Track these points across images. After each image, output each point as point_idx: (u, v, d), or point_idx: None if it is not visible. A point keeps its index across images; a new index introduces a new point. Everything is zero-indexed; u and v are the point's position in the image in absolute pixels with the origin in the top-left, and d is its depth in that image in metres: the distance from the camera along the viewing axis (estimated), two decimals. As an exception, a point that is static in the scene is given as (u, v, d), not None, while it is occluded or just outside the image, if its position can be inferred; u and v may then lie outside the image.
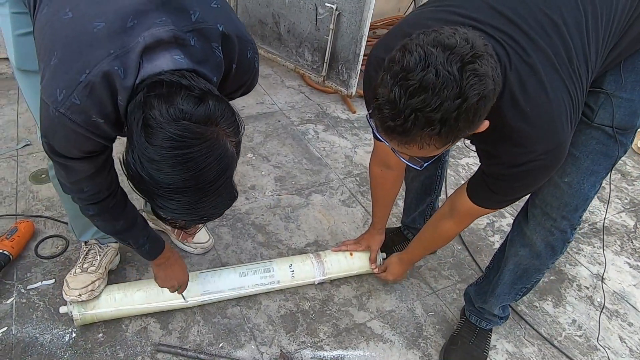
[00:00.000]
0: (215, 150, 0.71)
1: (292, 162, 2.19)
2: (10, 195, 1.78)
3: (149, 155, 0.69)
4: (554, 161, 0.94)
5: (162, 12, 0.76)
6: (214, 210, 0.78)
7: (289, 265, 1.53)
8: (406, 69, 0.73)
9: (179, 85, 0.71)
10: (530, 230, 1.20)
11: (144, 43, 0.74)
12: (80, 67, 0.74)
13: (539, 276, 1.30)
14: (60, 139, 0.83)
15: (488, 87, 0.74)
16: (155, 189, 0.72)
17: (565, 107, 0.89)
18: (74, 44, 0.75)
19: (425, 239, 1.37)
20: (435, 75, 0.71)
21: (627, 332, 1.61)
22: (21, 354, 1.28)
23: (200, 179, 0.72)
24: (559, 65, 0.87)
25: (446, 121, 0.73)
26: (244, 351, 1.37)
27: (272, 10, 2.88)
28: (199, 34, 0.79)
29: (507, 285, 1.32)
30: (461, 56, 0.72)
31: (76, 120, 0.77)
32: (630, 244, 2.02)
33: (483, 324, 1.46)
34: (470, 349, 1.42)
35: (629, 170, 2.53)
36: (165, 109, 0.68)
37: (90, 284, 1.32)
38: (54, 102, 0.76)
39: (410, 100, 0.72)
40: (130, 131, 0.72)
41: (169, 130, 0.68)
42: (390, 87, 0.74)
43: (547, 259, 1.22)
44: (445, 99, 0.71)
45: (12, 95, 2.35)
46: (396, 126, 0.75)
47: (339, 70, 2.71)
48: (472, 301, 1.46)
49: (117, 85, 0.75)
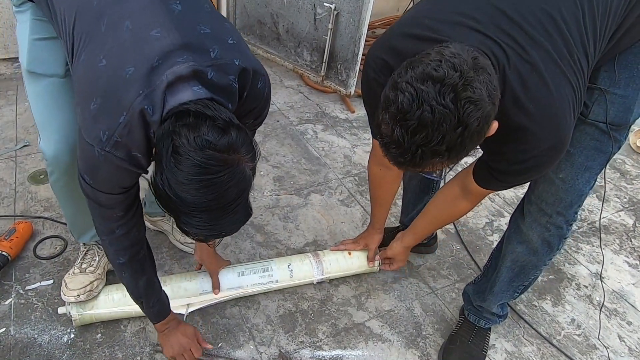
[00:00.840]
0: (236, 175, 0.80)
1: (291, 162, 2.19)
2: (9, 196, 1.78)
3: (177, 179, 0.77)
4: (558, 154, 0.96)
5: (184, 51, 0.84)
6: (231, 226, 0.87)
7: (288, 264, 1.53)
8: (402, 110, 0.74)
9: (204, 115, 0.79)
10: (526, 226, 1.20)
11: (166, 81, 0.82)
12: (119, 110, 0.83)
13: (536, 273, 1.30)
14: (104, 176, 0.91)
15: (486, 109, 0.75)
16: (180, 207, 0.81)
17: (568, 101, 0.90)
18: (111, 90, 0.84)
19: (438, 218, 1.36)
20: (431, 112, 0.72)
21: (626, 331, 1.61)
22: (19, 354, 1.28)
23: (221, 200, 0.80)
24: (560, 59, 0.87)
25: (452, 149, 0.76)
26: (243, 351, 1.37)
27: (271, 10, 2.88)
28: (217, 68, 0.87)
29: (505, 282, 1.32)
30: (452, 87, 0.73)
31: (120, 156, 0.86)
32: (629, 242, 2.02)
33: (482, 323, 1.45)
34: (469, 348, 1.42)
35: (628, 169, 2.53)
36: (193, 138, 0.76)
37: (88, 284, 1.32)
38: (99, 142, 0.84)
39: (414, 139, 0.75)
40: (160, 156, 0.79)
41: (195, 158, 0.76)
42: (391, 127, 0.77)
43: (544, 255, 1.22)
44: (446, 132, 0.73)
45: (10, 96, 2.35)
46: (405, 162, 0.79)
47: (337, 70, 2.71)
48: (470, 300, 1.46)
49: (148, 120, 0.83)
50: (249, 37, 3.12)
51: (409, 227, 1.47)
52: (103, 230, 1.04)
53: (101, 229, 1.04)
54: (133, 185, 0.98)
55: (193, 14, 0.90)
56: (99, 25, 0.87)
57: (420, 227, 1.43)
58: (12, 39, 2.48)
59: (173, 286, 1.40)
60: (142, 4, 0.87)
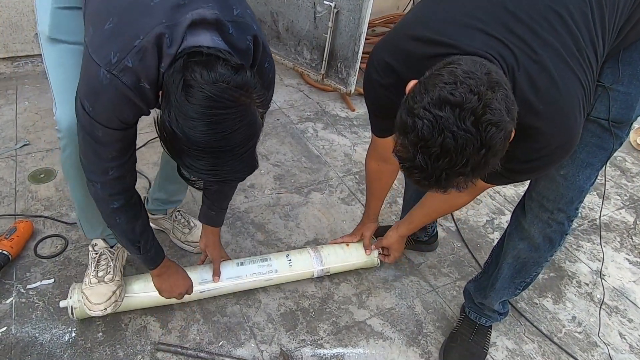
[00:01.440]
0: (247, 115, 0.78)
1: (291, 161, 2.18)
2: (9, 195, 1.77)
3: (187, 113, 0.75)
4: (567, 152, 0.96)
5: (210, 0, 0.84)
6: (235, 174, 0.84)
7: (286, 255, 1.55)
8: (422, 138, 0.74)
9: (217, 56, 0.78)
10: (527, 223, 1.21)
11: (190, 18, 0.81)
12: (135, 32, 0.80)
13: (537, 270, 1.30)
14: (105, 103, 0.85)
15: (507, 128, 0.75)
16: (186, 147, 0.78)
17: (578, 99, 0.89)
18: (131, 12, 0.81)
19: (434, 210, 1.36)
20: (453, 139, 0.72)
21: (627, 329, 1.61)
22: (21, 353, 1.28)
23: (230, 140, 0.78)
24: (569, 58, 0.87)
25: (476, 168, 0.76)
26: (244, 349, 1.37)
27: (271, 8, 2.88)
28: (237, 25, 0.87)
29: (506, 279, 1.32)
30: (472, 111, 0.72)
31: (127, 83, 0.82)
32: (630, 240, 2.02)
33: (483, 321, 1.45)
34: (469, 346, 1.42)
35: (629, 167, 2.53)
36: (207, 72, 0.75)
37: (112, 295, 1.29)
38: (108, 64, 0.80)
39: (437, 164, 0.75)
40: (168, 92, 0.77)
41: (208, 90, 0.74)
42: (413, 153, 0.76)
43: (546, 251, 1.22)
44: (470, 155, 0.73)
45: (10, 95, 2.35)
46: (430, 185, 0.79)
47: (337, 69, 2.71)
48: (471, 297, 1.46)
49: (163, 51, 0.81)
50: (249, 35, 3.11)
51: (405, 217, 1.47)
52: (95, 170, 0.99)
53: (93, 170, 0.99)
54: (133, 123, 0.94)
55: None
56: None
57: (416, 217, 1.43)
58: (12, 38, 2.48)
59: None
60: None
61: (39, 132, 2.12)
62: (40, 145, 2.04)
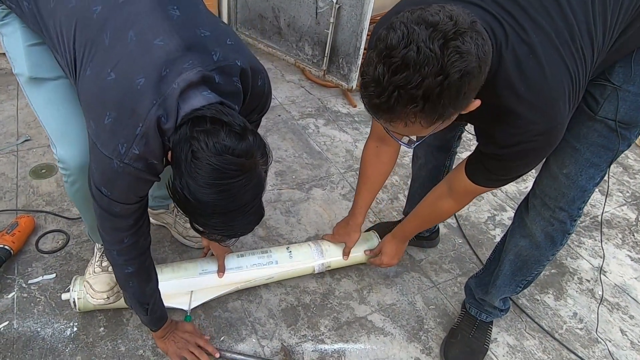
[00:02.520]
0: (252, 179, 0.83)
1: (292, 157, 2.18)
2: (11, 191, 1.78)
3: (197, 183, 0.80)
4: (549, 142, 0.93)
5: (188, 56, 0.86)
6: (246, 227, 0.91)
7: (287, 247, 1.55)
8: (389, 47, 0.72)
9: (221, 121, 0.81)
10: (530, 220, 1.20)
11: (179, 89, 0.84)
12: (134, 122, 0.84)
13: (539, 268, 1.30)
14: (122, 187, 0.92)
15: (471, 64, 0.73)
16: (199, 210, 0.84)
17: (564, 89, 0.87)
18: (124, 103, 0.85)
19: (422, 216, 1.36)
20: (416, 52, 0.70)
21: (628, 325, 1.61)
22: (22, 348, 1.28)
23: (238, 202, 0.84)
24: (560, 45, 0.85)
25: (428, 98, 0.73)
26: (245, 345, 1.37)
27: (272, 4, 2.87)
28: (221, 71, 0.89)
29: (507, 276, 1.32)
30: (443, 33, 0.71)
31: (139, 167, 0.88)
32: (632, 237, 2.02)
33: (483, 317, 1.45)
34: (470, 342, 1.42)
35: (631, 164, 2.53)
36: (213, 144, 0.78)
37: (115, 285, 1.31)
38: (118, 155, 0.86)
39: (393, 78, 0.72)
40: (179, 160, 0.82)
41: (215, 163, 0.78)
42: (375, 65, 0.74)
43: (547, 249, 1.22)
44: (426, 75, 0.71)
45: (11, 90, 2.34)
46: (381, 103, 0.76)
47: (339, 64, 2.70)
48: (472, 293, 1.46)
49: (164, 129, 0.85)
50: (250, 31, 3.11)
51: (398, 226, 1.47)
52: (112, 241, 1.04)
53: (110, 240, 1.04)
54: (147, 193, 1.00)
55: (191, 18, 0.91)
56: (102, 38, 0.87)
57: (407, 222, 1.43)
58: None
59: (174, 266, 1.43)
60: (142, 11, 0.88)
61: (40, 128, 2.10)
62: (42, 140, 2.04)
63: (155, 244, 1.63)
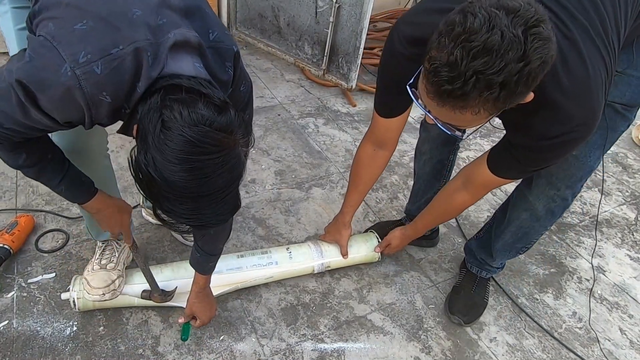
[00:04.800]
0: (231, 159, 0.72)
1: (292, 156, 2.18)
2: (10, 190, 1.78)
3: (165, 157, 0.69)
4: (587, 132, 0.94)
5: (186, 21, 0.79)
6: (217, 217, 0.78)
7: (286, 248, 1.56)
8: (469, 31, 0.70)
9: (199, 92, 0.72)
10: (533, 196, 1.28)
11: (173, 39, 0.76)
12: (114, 40, 0.73)
13: (537, 237, 1.42)
14: (52, 98, 0.75)
15: (550, 52, 0.73)
16: (164, 191, 0.72)
17: (602, 79, 0.90)
18: (112, 19, 0.74)
19: (437, 211, 1.40)
20: (500, 37, 0.69)
21: (627, 324, 1.62)
22: (22, 347, 1.28)
23: (212, 186, 0.72)
24: (596, 38, 0.88)
25: (506, 85, 0.72)
26: (245, 344, 1.37)
27: (272, 3, 2.86)
28: (215, 51, 0.82)
29: (509, 244, 1.44)
30: (526, 19, 0.70)
31: (85, 89, 0.73)
32: (631, 236, 2.02)
33: (483, 274, 1.58)
34: (472, 296, 1.55)
35: (630, 163, 2.53)
36: (187, 112, 0.68)
37: (111, 283, 1.30)
38: (73, 61, 0.71)
39: (473, 62, 0.70)
40: (145, 131, 0.71)
41: (188, 134, 0.68)
42: (450, 49, 0.72)
43: (547, 221, 1.33)
44: (509, 61, 0.70)
45: (11, 89, 2.34)
46: (454, 89, 0.73)
47: (339, 64, 2.70)
48: (473, 253, 1.56)
49: (143, 70, 0.75)
50: (250, 30, 3.10)
51: (410, 223, 1.52)
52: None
53: None
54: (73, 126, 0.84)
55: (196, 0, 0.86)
56: None
57: (420, 219, 1.46)
58: (12, 32, 2.46)
59: (174, 266, 1.43)
60: None
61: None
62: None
63: (154, 244, 1.64)
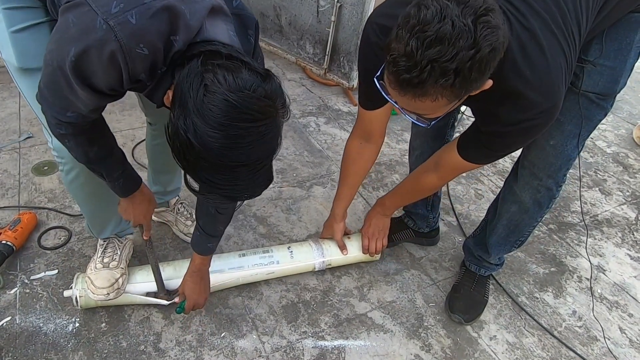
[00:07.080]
0: (272, 129, 0.71)
1: (293, 155, 2.19)
2: (13, 187, 1.79)
3: (207, 122, 0.65)
4: (548, 119, 0.99)
5: None
6: (253, 189, 0.76)
7: (288, 247, 1.56)
8: (423, 22, 0.75)
9: (240, 59, 0.70)
10: (519, 188, 1.33)
11: (211, 3, 0.73)
12: None
13: (529, 229, 1.45)
14: (94, 60, 0.71)
15: (499, 39, 0.77)
16: (203, 159, 0.69)
17: (562, 69, 0.94)
18: None
19: (405, 190, 1.45)
20: (451, 26, 0.73)
21: (627, 323, 1.62)
22: (25, 343, 1.29)
23: (252, 155, 0.70)
24: (556, 29, 0.91)
25: (460, 72, 0.76)
26: (246, 341, 1.38)
27: (274, 2, 2.87)
28: (238, 19, 0.81)
29: (502, 238, 1.47)
30: (475, 9, 0.74)
31: (122, 40, 0.68)
32: (632, 236, 2.02)
33: (482, 272, 1.60)
34: (472, 294, 1.56)
35: (631, 163, 2.53)
36: (233, 78, 0.66)
37: (115, 282, 1.31)
38: (106, 12, 0.67)
39: (427, 52, 0.74)
40: (185, 96, 0.68)
41: (233, 99, 0.65)
42: (406, 40, 0.76)
43: (535, 213, 1.36)
44: (460, 49, 0.74)
45: (13, 88, 2.35)
46: (412, 78, 0.77)
47: (340, 63, 2.70)
48: (471, 251, 1.59)
49: (180, 22, 0.71)
50: (252, 29, 3.11)
51: (378, 200, 1.55)
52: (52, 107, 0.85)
53: (51, 106, 0.85)
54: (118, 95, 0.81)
55: None
56: None
57: (393, 194, 1.50)
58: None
59: (175, 265, 1.43)
60: None
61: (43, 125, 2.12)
62: (44, 138, 2.03)
63: (156, 241, 1.64)
